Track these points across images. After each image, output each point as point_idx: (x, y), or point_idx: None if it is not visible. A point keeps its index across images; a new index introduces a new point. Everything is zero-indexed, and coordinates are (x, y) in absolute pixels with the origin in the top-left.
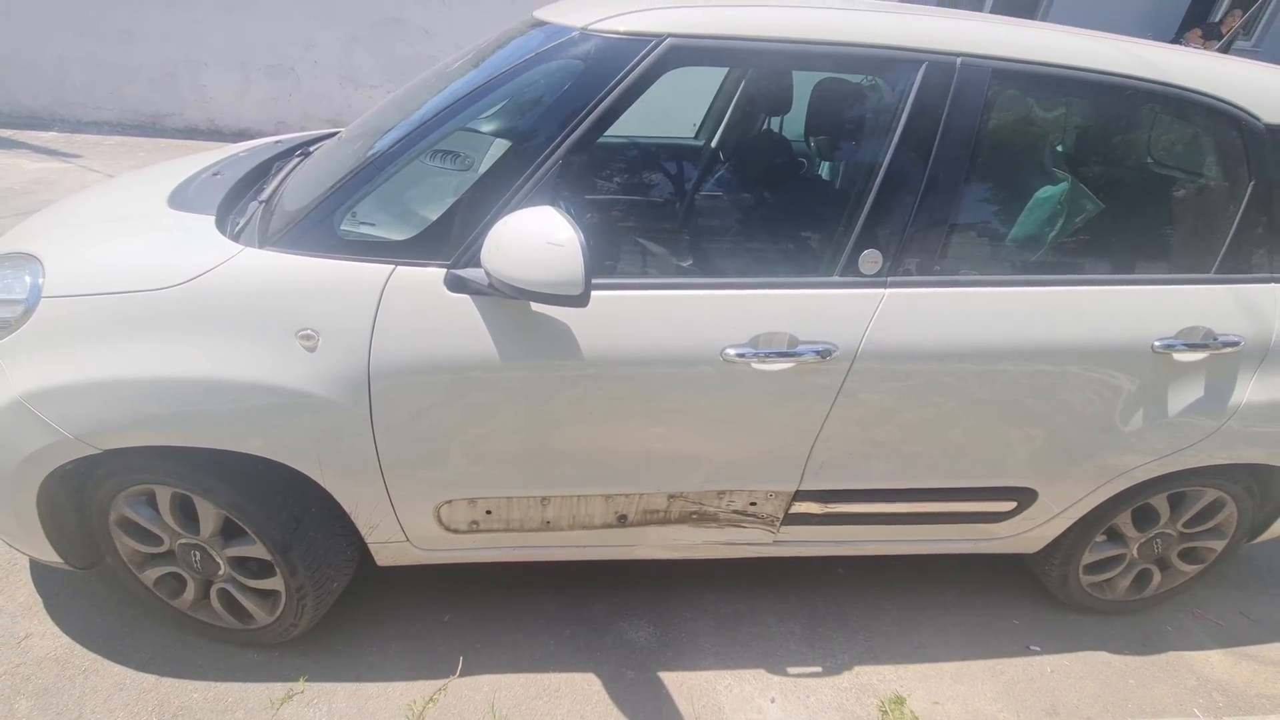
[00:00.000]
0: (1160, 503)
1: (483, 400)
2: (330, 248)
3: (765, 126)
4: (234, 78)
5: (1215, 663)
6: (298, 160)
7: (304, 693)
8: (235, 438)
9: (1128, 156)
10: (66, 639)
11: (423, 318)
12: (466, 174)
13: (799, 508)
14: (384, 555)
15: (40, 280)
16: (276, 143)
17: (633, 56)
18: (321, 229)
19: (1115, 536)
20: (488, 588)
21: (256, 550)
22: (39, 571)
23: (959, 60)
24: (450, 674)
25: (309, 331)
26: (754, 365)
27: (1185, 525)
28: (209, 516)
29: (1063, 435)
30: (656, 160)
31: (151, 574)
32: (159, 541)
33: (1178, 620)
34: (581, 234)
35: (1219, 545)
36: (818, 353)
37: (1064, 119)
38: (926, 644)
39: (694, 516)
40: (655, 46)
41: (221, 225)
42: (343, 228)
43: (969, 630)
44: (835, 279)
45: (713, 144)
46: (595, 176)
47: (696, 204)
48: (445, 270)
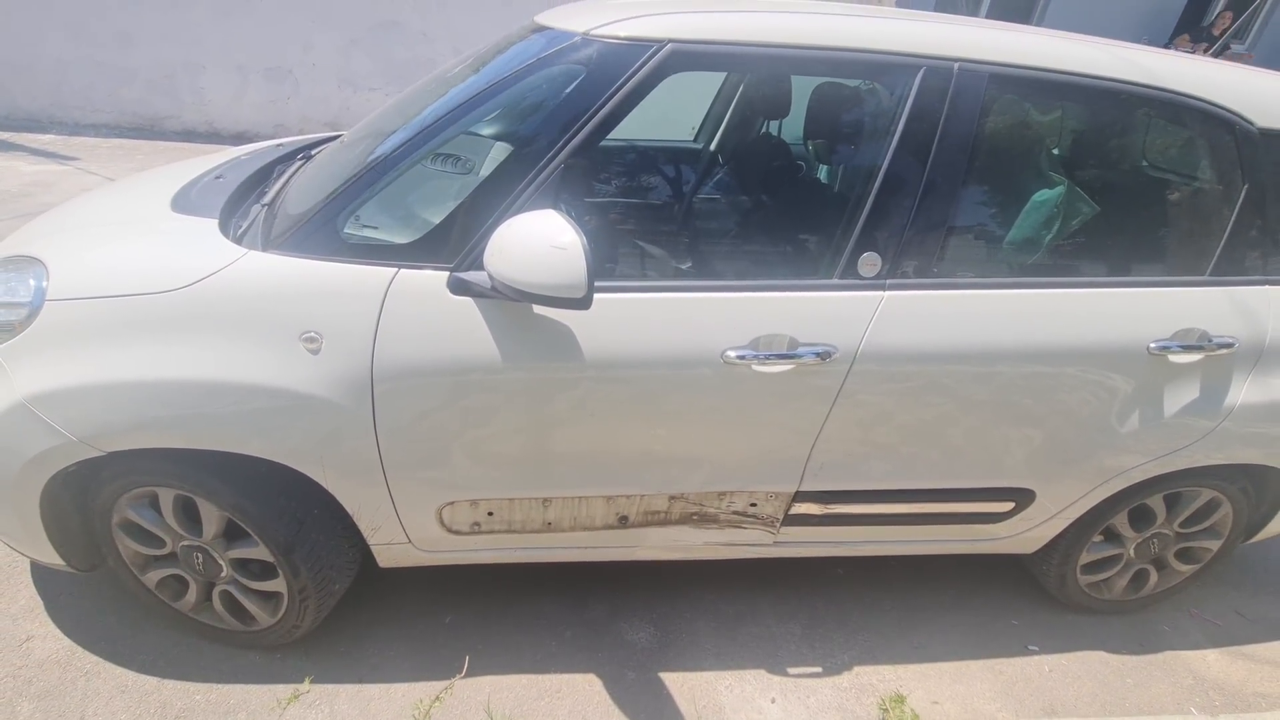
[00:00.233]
0: (1157, 503)
1: (485, 402)
2: (334, 251)
3: (764, 130)
4: (232, 80)
5: (1212, 662)
6: (300, 163)
7: (309, 693)
8: (238, 440)
9: (1123, 160)
10: (68, 641)
11: (426, 320)
12: (469, 178)
13: (799, 509)
14: (386, 557)
15: (44, 283)
16: (278, 146)
17: (634, 61)
18: (325, 232)
19: (1112, 537)
20: (489, 589)
21: (259, 552)
22: (40, 574)
23: (957, 65)
24: (452, 675)
25: (313, 334)
26: (754, 367)
27: (1181, 525)
28: (212, 518)
29: (1060, 436)
30: (656, 164)
31: (153, 576)
32: (161, 543)
33: (1174, 620)
34: (584, 237)
35: (1215, 545)
36: (817, 355)
37: (1060, 123)
38: (925, 644)
39: (695, 518)
40: (657, 51)
41: (225, 228)
42: (346, 231)
43: (968, 630)
44: (835, 281)
45: (711, 147)
46: (596, 180)
47: (696, 207)
48: (448, 273)
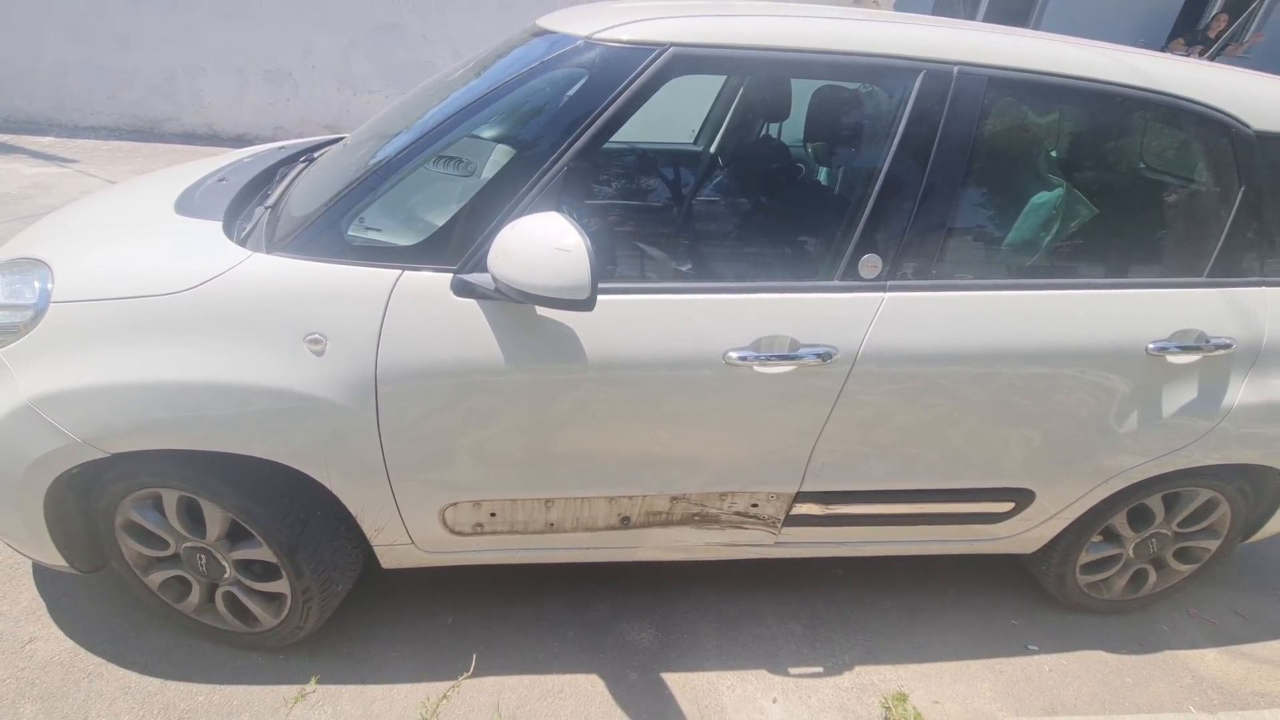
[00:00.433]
0: (1155, 503)
1: (488, 403)
2: (338, 253)
3: (764, 132)
4: (231, 83)
5: (1210, 661)
6: (302, 166)
7: (314, 693)
8: (242, 441)
9: (1121, 162)
10: (71, 643)
11: (429, 322)
12: (472, 180)
13: (800, 509)
14: (389, 558)
15: (49, 285)
16: (280, 148)
17: (636, 65)
18: (329, 234)
19: (1111, 537)
20: (490, 591)
21: (262, 553)
22: (42, 575)
23: (956, 69)
24: (454, 675)
25: (317, 336)
26: (756, 368)
27: (1180, 525)
28: (215, 520)
29: (1059, 437)
30: (657, 166)
31: (157, 577)
32: (165, 545)
33: (1173, 619)
34: (588, 239)
35: (1213, 545)
36: (818, 356)
37: (1058, 126)
38: (926, 644)
39: (696, 518)
40: (659, 55)
41: (228, 230)
42: (350, 233)
43: (968, 630)
44: (835, 283)
45: (711, 149)
46: (597, 182)
47: (697, 209)
48: (452, 275)
